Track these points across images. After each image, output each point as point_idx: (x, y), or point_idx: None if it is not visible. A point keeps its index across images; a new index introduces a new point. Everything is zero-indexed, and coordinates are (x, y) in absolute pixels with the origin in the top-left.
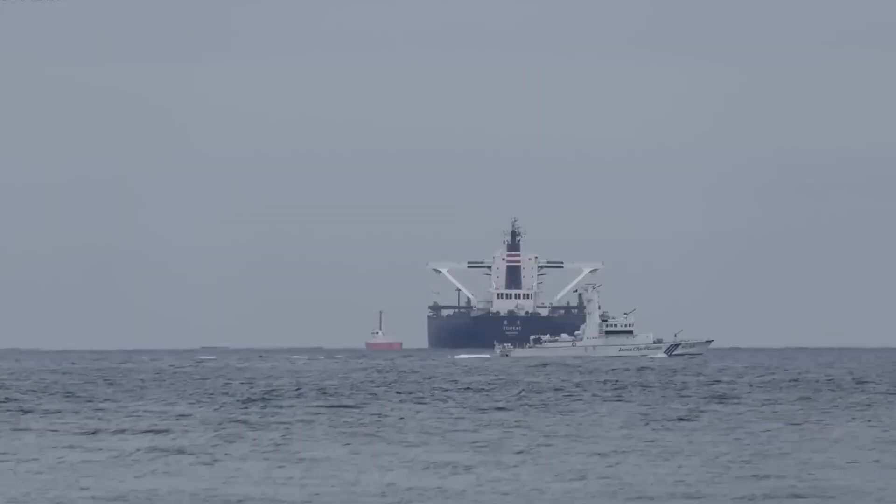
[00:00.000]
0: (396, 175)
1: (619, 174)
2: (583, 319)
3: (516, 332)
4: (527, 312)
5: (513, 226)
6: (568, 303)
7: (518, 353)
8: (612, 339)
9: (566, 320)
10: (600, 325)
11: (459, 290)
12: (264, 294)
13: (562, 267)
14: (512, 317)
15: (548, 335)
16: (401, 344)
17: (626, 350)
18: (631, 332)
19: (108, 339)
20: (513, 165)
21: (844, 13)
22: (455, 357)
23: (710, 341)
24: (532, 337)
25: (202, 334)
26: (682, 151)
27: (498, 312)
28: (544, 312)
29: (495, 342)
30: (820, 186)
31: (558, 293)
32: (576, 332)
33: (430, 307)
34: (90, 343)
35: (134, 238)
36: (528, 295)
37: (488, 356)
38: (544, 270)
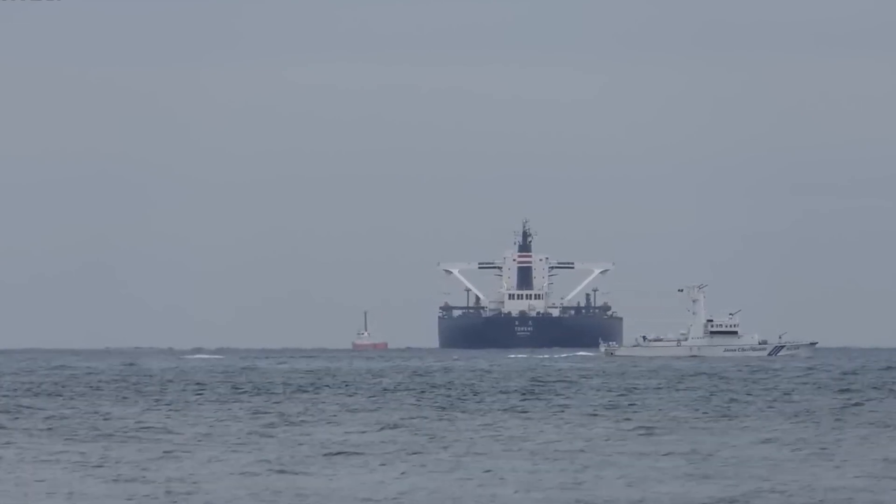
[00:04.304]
0: (404, 174)
1: (623, 174)
2: (589, 319)
3: (528, 333)
4: (538, 313)
5: (524, 226)
6: (578, 303)
7: (623, 352)
8: (718, 340)
9: (577, 321)
10: (706, 326)
11: (469, 291)
12: (263, 292)
13: (572, 267)
14: (523, 317)
15: (653, 335)
16: (386, 344)
17: (731, 350)
18: (736, 332)
19: (107, 336)
20: (520, 166)
21: (838, 14)
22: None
23: (814, 343)
24: (637, 336)
25: (203, 331)
26: (675, 150)
27: (510, 313)
28: (555, 313)
29: (600, 340)
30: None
31: (568, 294)
32: (681, 332)
33: (440, 307)
34: (90, 342)
35: (134, 234)
36: (539, 295)
37: (592, 354)
38: (555, 271)
